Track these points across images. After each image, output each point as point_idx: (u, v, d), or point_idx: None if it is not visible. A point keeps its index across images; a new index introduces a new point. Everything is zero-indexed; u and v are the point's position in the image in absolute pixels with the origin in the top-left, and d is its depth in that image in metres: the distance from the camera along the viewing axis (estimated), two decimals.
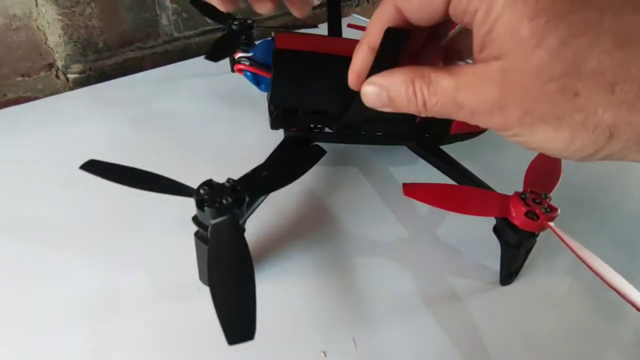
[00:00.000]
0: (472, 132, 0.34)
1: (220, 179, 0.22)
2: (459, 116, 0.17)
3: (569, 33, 0.14)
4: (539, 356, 0.24)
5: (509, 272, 0.27)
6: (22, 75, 0.44)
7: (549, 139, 0.16)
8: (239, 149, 0.36)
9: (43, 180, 0.32)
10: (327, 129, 0.31)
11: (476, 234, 0.30)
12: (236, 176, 0.23)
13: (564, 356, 0.25)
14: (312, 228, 0.30)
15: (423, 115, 0.19)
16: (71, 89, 0.47)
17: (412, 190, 0.25)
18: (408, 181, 0.25)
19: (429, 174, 0.34)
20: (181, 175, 0.22)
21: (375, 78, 0.19)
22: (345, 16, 0.67)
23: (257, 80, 0.28)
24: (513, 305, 0.27)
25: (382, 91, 0.19)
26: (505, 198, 0.25)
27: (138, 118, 0.39)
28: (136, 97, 0.42)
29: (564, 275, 0.29)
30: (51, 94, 0.45)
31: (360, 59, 0.20)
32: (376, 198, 0.33)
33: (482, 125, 0.17)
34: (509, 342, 0.25)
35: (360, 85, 0.20)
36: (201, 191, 0.21)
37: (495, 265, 0.28)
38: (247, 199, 0.22)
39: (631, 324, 0.27)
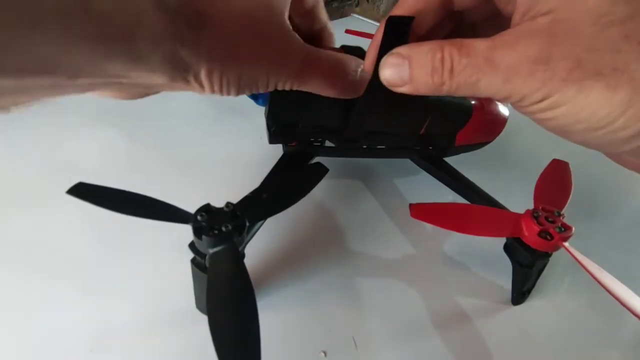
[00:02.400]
0: (477, 142, 0.33)
1: (218, 187, 0.21)
2: (489, 83, 0.15)
3: None
4: None
5: (521, 292, 0.26)
6: None
7: (600, 101, 0.14)
8: (238, 156, 0.35)
9: (32, 192, 0.30)
10: (328, 142, 0.30)
11: (485, 249, 0.29)
12: (235, 187, 0.22)
13: None
14: (315, 245, 0.29)
15: (445, 91, 0.16)
16: None
17: (420, 211, 0.24)
18: (413, 193, 0.24)
19: (434, 185, 0.33)
20: (178, 181, 0.21)
21: (399, 48, 0.17)
22: (345, 16, 0.66)
23: (254, 95, 0.27)
24: (526, 326, 0.26)
25: (404, 63, 0.17)
26: (516, 217, 0.24)
27: (137, 118, 0.38)
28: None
29: (581, 293, 0.28)
30: None
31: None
32: (381, 213, 0.32)
33: (516, 94, 0.15)
34: None
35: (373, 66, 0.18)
36: (199, 217, 0.20)
37: (506, 282, 0.27)
38: (247, 224, 0.21)
39: None
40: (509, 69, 0.14)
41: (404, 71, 0.17)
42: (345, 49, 0.27)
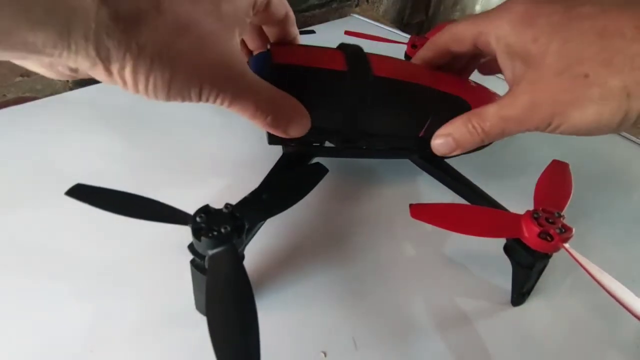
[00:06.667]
0: None
1: (217, 188, 0.21)
2: (511, 128, 0.23)
3: (562, 40, 0.21)
4: None
5: (520, 293, 0.26)
6: (21, 75, 0.43)
7: (582, 118, 0.21)
8: (237, 157, 0.35)
9: (32, 193, 0.30)
10: (327, 143, 0.30)
11: (485, 250, 0.29)
12: (234, 188, 0.22)
13: None
14: (315, 245, 0.29)
15: (486, 142, 0.25)
16: (71, 89, 0.45)
17: (420, 211, 0.24)
18: (414, 193, 0.24)
19: (435, 185, 0.32)
20: (177, 182, 0.21)
21: (439, 131, 0.25)
22: (345, 17, 0.66)
23: None
24: (526, 326, 0.26)
25: (449, 138, 0.25)
26: (516, 218, 0.24)
27: (135, 118, 0.38)
28: (135, 97, 0.41)
29: (581, 294, 0.28)
30: (50, 94, 0.44)
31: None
32: (382, 213, 0.32)
33: (530, 127, 0.23)
34: None
35: None
36: (198, 219, 0.20)
37: (505, 283, 0.27)
38: (246, 226, 0.21)
39: None
40: (516, 119, 0.23)
41: (450, 142, 0.25)
42: (345, 47, 0.27)
